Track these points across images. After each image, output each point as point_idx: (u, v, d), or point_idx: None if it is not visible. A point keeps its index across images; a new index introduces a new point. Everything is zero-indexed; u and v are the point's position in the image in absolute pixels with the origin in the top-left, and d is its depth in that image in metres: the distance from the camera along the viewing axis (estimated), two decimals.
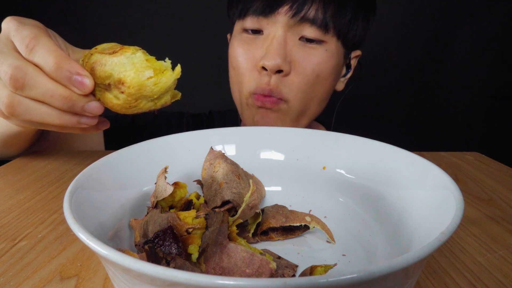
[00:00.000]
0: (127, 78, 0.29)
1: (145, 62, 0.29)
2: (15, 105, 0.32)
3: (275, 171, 0.43)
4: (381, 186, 0.36)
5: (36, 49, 0.31)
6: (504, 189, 0.50)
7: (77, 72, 0.30)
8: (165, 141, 0.40)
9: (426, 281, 0.31)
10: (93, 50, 0.31)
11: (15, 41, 0.32)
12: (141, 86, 0.29)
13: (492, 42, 1.39)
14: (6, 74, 0.31)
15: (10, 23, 0.33)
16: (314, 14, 0.55)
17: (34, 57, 0.31)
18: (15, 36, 0.32)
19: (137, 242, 0.29)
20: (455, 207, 0.25)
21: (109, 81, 0.30)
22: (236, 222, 0.31)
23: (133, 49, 0.30)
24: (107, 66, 0.29)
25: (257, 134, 0.44)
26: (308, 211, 0.38)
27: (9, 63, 0.31)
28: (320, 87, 0.60)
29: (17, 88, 0.31)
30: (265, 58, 0.55)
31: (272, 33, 0.57)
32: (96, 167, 0.32)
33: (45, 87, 0.31)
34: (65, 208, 0.24)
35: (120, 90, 0.29)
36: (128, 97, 0.30)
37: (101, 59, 0.29)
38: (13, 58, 0.31)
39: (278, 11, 0.55)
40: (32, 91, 0.31)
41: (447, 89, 1.45)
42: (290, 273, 0.28)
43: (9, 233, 0.37)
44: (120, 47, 0.30)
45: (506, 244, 0.37)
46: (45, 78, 0.31)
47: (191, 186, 0.37)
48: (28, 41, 0.31)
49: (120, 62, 0.29)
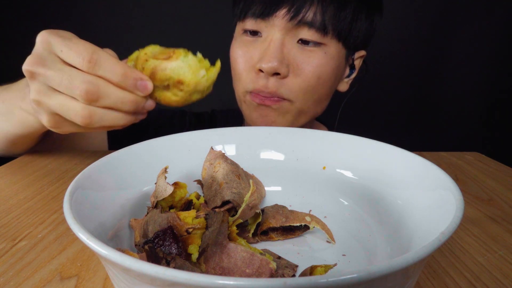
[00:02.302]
0: (186, 79, 0.34)
1: (198, 63, 0.35)
2: (92, 116, 0.35)
3: (275, 171, 0.43)
4: (381, 186, 0.36)
5: (99, 63, 0.34)
6: (504, 189, 0.50)
7: (141, 78, 0.35)
8: (165, 141, 0.40)
9: (426, 281, 0.31)
10: (144, 56, 0.35)
11: (67, 55, 0.34)
12: (197, 83, 0.35)
13: (493, 42, 1.39)
14: (81, 89, 0.33)
15: (49, 37, 0.35)
16: (312, 17, 0.54)
17: (98, 70, 0.34)
18: (68, 51, 0.34)
19: (137, 242, 0.29)
20: (455, 207, 0.25)
21: (168, 82, 0.35)
22: (236, 222, 0.31)
23: (184, 52, 0.35)
24: (168, 70, 0.34)
25: (257, 134, 0.44)
26: (308, 211, 0.38)
27: (81, 79, 0.33)
28: (321, 88, 0.60)
29: (92, 101, 0.34)
30: (261, 61, 0.56)
31: (270, 36, 0.57)
32: (96, 167, 0.32)
33: (116, 96, 0.35)
34: (65, 208, 0.24)
35: (180, 89, 0.35)
36: (185, 94, 0.36)
37: (160, 65, 0.34)
38: (80, 73, 0.34)
39: (276, 14, 0.55)
40: (105, 101, 0.34)
41: (447, 89, 1.45)
42: (290, 273, 0.28)
43: (9, 233, 0.37)
44: (172, 51, 0.35)
45: (506, 244, 0.37)
46: (113, 88, 0.34)
47: (191, 186, 0.37)
48: (90, 56, 0.34)
49: (178, 65, 0.34)
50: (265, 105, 0.59)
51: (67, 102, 0.35)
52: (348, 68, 0.66)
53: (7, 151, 0.57)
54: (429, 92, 1.47)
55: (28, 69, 0.35)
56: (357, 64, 0.67)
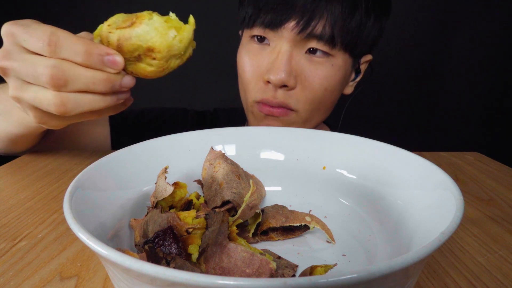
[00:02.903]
0: (155, 44, 0.30)
1: (165, 24, 0.31)
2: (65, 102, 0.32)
3: (275, 171, 0.43)
4: (381, 186, 0.36)
5: (59, 44, 0.31)
6: (504, 189, 0.50)
7: (106, 53, 0.31)
8: (165, 141, 0.40)
9: (426, 281, 0.31)
10: (107, 28, 0.31)
11: (29, 43, 0.32)
12: (170, 47, 0.31)
13: (492, 42, 1.39)
14: (45, 75, 0.31)
15: (11, 28, 0.33)
16: (321, 30, 0.54)
17: (60, 52, 0.31)
18: (29, 39, 0.32)
19: (137, 242, 0.29)
20: (455, 207, 0.25)
21: (138, 52, 0.31)
22: (236, 222, 0.31)
23: (148, 14, 0.31)
24: (133, 39, 0.30)
25: (257, 134, 0.44)
26: (308, 211, 0.38)
27: (43, 64, 0.31)
28: (328, 98, 0.61)
29: (60, 86, 0.31)
30: (270, 73, 0.56)
31: (278, 47, 0.56)
32: (96, 167, 0.32)
33: (84, 77, 0.31)
34: (65, 208, 0.24)
35: (152, 57, 0.31)
36: (160, 61, 0.32)
37: (124, 34, 0.30)
38: (42, 59, 0.31)
39: (285, 26, 0.54)
40: (75, 84, 0.31)
41: (447, 89, 1.45)
42: (290, 273, 0.28)
43: (9, 233, 0.37)
44: (135, 16, 0.31)
45: (506, 244, 0.37)
46: (80, 68, 0.31)
47: (191, 186, 0.37)
48: (48, 39, 0.31)
49: (143, 31, 0.30)
50: (272, 115, 0.60)
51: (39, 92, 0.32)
52: (353, 72, 0.66)
53: (9, 149, 0.57)
54: (429, 92, 1.47)
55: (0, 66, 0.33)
56: (362, 68, 0.67)
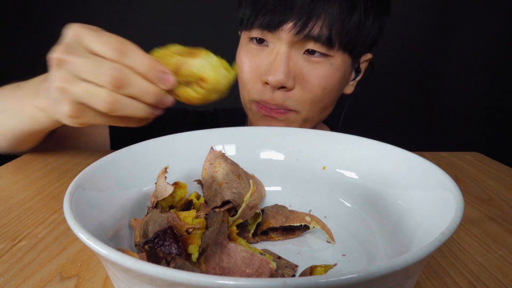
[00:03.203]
0: (208, 76, 0.36)
1: (220, 63, 0.36)
2: (115, 103, 0.35)
3: (275, 171, 0.43)
4: (381, 186, 0.36)
5: (127, 52, 0.35)
6: (504, 189, 0.50)
7: (165, 72, 0.36)
8: (165, 141, 0.40)
9: (426, 281, 0.31)
10: (169, 52, 0.37)
11: (96, 45, 0.35)
12: (217, 82, 0.36)
13: (492, 43, 1.39)
14: (109, 75, 0.34)
15: (78, 29, 0.36)
16: (318, 32, 0.54)
17: (126, 59, 0.35)
18: (97, 41, 0.35)
19: (137, 242, 0.29)
20: (455, 207, 0.25)
21: (190, 79, 0.36)
22: (236, 222, 0.31)
23: (205, 52, 0.37)
24: (191, 67, 0.36)
25: (257, 134, 0.44)
26: (308, 211, 0.38)
27: (109, 66, 0.34)
28: (327, 98, 0.61)
29: (118, 87, 0.35)
30: (268, 74, 0.56)
31: (277, 48, 0.57)
32: (96, 167, 0.32)
33: (140, 85, 0.35)
34: (65, 208, 0.24)
35: (200, 86, 0.36)
36: (206, 91, 0.37)
37: (184, 61, 0.36)
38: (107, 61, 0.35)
39: (282, 28, 0.55)
40: (130, 89, 0.35)
41: (447, 89, 1.45)
42: (290, 273, 0.28)
43: (9, 233, 0.37)
44: (196, 49, 0.37)
45: (506, 244, 0.37)
46: (139, 77, 0.35)
47: (191, 186, 0.37)
48: (120, 46, 0.35)
49: (201, 63, 0.36)
50: (271, 116, 0.60)
51: (93, 88, 0.35)
52: (353, 72, 0.66)
53: (12, 148, 0.57)
54: (429, 93, 1.47)
55: (56, 57, 0.36)
56: (363, 67, 0.67)
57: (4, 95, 0.52)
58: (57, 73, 0.36)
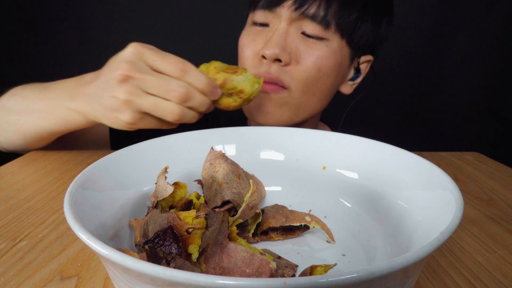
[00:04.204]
0: (245, 89, 0.45)
1: (254, 79, 0.46)
2: (182, 114, 0.42)
3: (275, 171, 0.43)
4: (381, 186, 0.36)
5: (188, 72, 0.42)
6: (504, 189, 0.50)
7: (216, 87, 0.44)
8: (165, 141, 0.40)
9: (426, 281, 0.31)
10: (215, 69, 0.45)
11: (160, 65, 0.42)
12: (251, 94, 0.46)
13: (492, 42, 1.39)
14: (178, 92, 0.41)
15: (141, 48, 0.43)
16: (314, 11, 0.56)
17: (187, 77, 0.42)
18: (162, 61, 0.42)
19: (137, 242, 0.29)
20: (455, 207, 0.25)
21: (232, 91, 0.45)
22: (236, 222, 0.31)
23: (243, 69, 0.46)
24: (234, 82, 0.45)
25: (257, 134, 0.44)
26: (308, 211, 0.38)
27: (177, 84, 0.41)
28: (322, 82, 0.61)
29: (184, 102, 0.42)
30: (264, 47, 0.58)
31: (276, 26, 0.59)
32: (96, 167, 0.32)
33: (199, 99, 0.43)
34: (65, 208, 0.24)
35: (239, 97, 0.46)
36: (241, 101, 0.46)
37: (229, 77, 0.45)
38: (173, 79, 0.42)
39: (283, 5, 0.58)
40: (191, 102, 0.42)
41: (447, 89, 1.45)
42: (290, 273, 0.28)
43: (9, 233, 0.37)
44: (236, 67, 0.46)
45: (506, 244, 0.37)
46: (198, 92, 0.43)
47: (191, 186, 0.37)
48: (182, 66, 0.42)
49: (242, 79, 0.45)
50: (265, 92, 0.60)
51: (161, 102, 0.42)
52: (353, 70, 0.66)
53: (25, 146, 0.60)
54: (429, 93, 1.47)
55: (124, 74, 0.41)
56: (363, 69, 0.67)
57: (29, 96, 0.55)
58: (122, 87, 0.41)
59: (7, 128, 0.58)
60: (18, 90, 0.58)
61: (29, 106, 0.54)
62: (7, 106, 0.57)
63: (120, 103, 0.42)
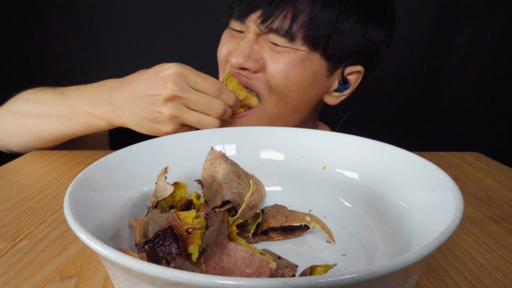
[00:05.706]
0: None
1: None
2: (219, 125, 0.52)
3: (275, 171, 0.43)
4: (381, 186, 0.36)
5: (223, 91, 0.52)
6: (504, 189, 0.50)
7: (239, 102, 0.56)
8: (165, 141, 0.40)
9: (426, 281, 0.31)
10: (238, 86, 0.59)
11: (201, 85, 0.51)
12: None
13: (492, 42, 1.39)
14: (219, 109, 0.52)
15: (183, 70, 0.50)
16: (278, 25, 0.56)
17: (222, 96, 0.52)
18: (202, 82, 0.51)
19: (137, 242, 0.29)
20: (455, 207, 0.25)
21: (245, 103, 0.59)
22: (236, 222, 0.31)
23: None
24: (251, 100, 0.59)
25: (257, 134, 0.44)
26: (308, 211, 0.38)
27: (219, 103, 0.52)
28: (294, 92, 0.59)
29: (221, 116, 0.52)
30: (231, 56, 0.59)
31: (245, 35, 0.60)
32: (96, 167, 0.32)
33: (229, 112, 0.54)
34: (65, 208, 0.24)
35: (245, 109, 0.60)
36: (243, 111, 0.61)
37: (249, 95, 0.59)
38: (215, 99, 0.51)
39: (250, 18, 0.58)
40: (225, 116, 0.53)
41: (447, 89, 1.45)
42: (290, 273, 0.28)
43: (9, 233, 0.37)
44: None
45: (506, 244, 0.37)
46: (229, 107, 0.54)
47: (191, 186, 0.37)
48: (218, 86, 0.51)
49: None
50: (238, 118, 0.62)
51: (204, 117, 0.51)
52: (336, 81, 0.63)
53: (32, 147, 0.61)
54: (429, 92, 1.47)
55: (172, 94, 0.49)
56: (352, 80, 0.64)
57: (45, 100, 0.58)
58: (168, 104, 0.49)
59: (21, 132, 0.59)
60: (31, 95, 0.60)
61: (48, 111, 0.57)
62: (22, 110, 0.59)
63: (165, 118, 0.50)
